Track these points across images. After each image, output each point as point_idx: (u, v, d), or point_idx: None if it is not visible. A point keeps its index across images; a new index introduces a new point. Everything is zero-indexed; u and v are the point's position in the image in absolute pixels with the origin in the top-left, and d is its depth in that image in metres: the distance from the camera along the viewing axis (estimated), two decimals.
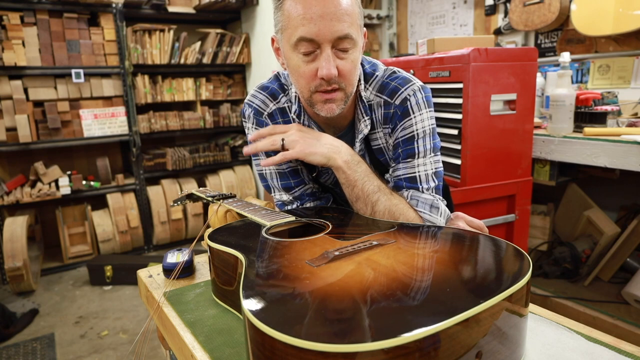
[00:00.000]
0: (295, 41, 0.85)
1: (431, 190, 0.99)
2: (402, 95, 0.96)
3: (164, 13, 3.39)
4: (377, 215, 0.92)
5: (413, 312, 0.49)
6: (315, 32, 0.83)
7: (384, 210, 0.92)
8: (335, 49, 0.86)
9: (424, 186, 0.98)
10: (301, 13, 0.83)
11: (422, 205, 0.96)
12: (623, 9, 2.09)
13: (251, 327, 0.50)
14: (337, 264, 0.63)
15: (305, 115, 1.03)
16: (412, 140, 0.97)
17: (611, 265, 2.21)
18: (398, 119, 0.97)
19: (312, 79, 0.88)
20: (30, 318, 2.56)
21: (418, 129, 0.96)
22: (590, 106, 1.98)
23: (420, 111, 0.97)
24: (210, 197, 1.11)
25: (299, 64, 0.88)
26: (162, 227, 3.52)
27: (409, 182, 0.98)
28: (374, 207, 0.92)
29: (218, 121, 3.76)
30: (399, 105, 0.97)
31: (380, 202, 0.92)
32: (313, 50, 0.86)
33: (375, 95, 1.00)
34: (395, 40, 3.79)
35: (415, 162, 0.97)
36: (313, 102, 0.92)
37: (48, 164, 3.27)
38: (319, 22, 0.83)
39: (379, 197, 0.92)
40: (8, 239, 2.83)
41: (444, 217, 0.98)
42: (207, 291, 0.87)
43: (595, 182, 2.42)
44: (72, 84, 3.16)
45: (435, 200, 0.97)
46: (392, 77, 1.00)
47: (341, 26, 0.84)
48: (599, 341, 0.65)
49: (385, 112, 0.99)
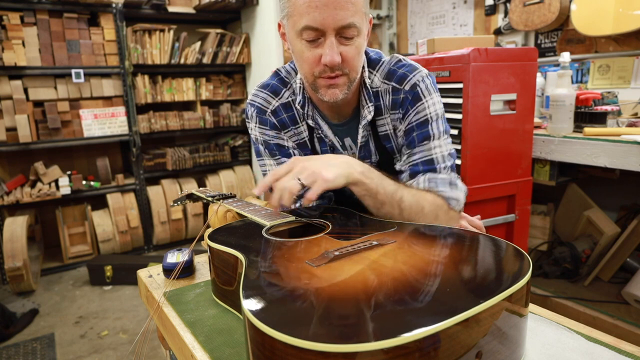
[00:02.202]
0: (300, 29, 0.87)
1: (447, 169, 0.99)
2: (411, 81, 0.98)
3: (164, 13, 3.39)
4: (404, 213, 0.90)
5: (413, 312, 0.49)
6: (320, 20, 0.84)
7: (410, 204, 0.90)
8: (339, 37, 0.87)
9: (441, 166, 0.98)
10: (306, 1, 0.84)
11: (441, 184, 0.96)
12: (623, 9, 2.09)
13: (251, 327, 0.50)
14: (337, 264, 0.63)
15: (310, 105, 1.04)
16: (427, 123, 0.98)
17: (611, 265, 2.21)
18: (410, 104, 0.98)
19: (316, 65, 0.90)
20: (30, 318, 2.56)
21: (431, 112, 0.98)
22: (590, 106, 1.98)
23: (431, 95, 0.98)
24: (210, 197, 1.11)
25: (303, 50, 0.90)
26: (162, 227, 3.52)
27: (426, 165, 0.99)
28: (400, 204, 0.90)
29: (218, 121, 3.76)
30: (409, 91, 0.98)
31: (404, 197, 0.90)
32: (317, 38, 0.87)
33: (382, 82, 1.01)
34: (395, 40, 3.79)
35: (432, 144, 0.98)
36: (317, 87, 0.94)
37: (48, 164, 3.27)
38: (324, 10, 0.84)
39: (402, 194, 0.90)
40: (8, 239, 2.83)
41: (463, 192, 0.99)
42: (207, 291, 0.87)
43: (595, 182, 2.42)
44: (72, 84, 3.16)
45: (452, 178, 0.99)
46: (399, 64, 1.01)
47: (345, 14, 0.84)
48: (599, 341, 0.65)
49: (394, 98, 1.00)
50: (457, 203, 0.98)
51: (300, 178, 0.79)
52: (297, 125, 1.08)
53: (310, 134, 1.08)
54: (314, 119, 1.05)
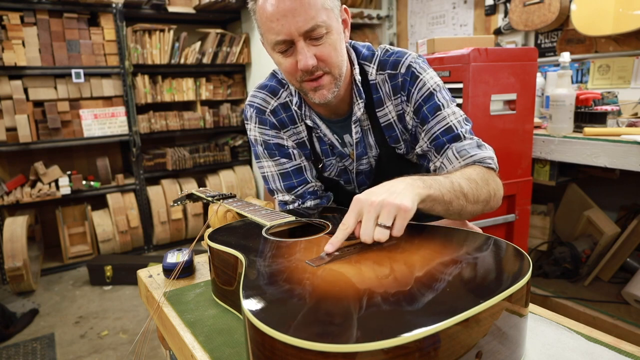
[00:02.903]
0: (272, 44, 0.90)
1: (468, 132, 0.99)
2: (405, 63, 1.00)
3: (164, 13, 3.39)
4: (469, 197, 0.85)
5: (413, 312, 0.49)
6: (284, 31, 0.87)
7: (469, 186, 0.85)
8: (309, 40, 0.89)
9: (461, 131, 0.97)
10: (268, 16, 0.87)
11: (471, 150, 0.96)
12: (623, 9, 2.09)
13: (251, 327, 0.50)
14: (337, 264, 0.63)
15: (306, 106, 1.06)
16: (432, 95, 0.99)
17: (611, 265, 2.21)
18: (410, 85, 0.99)
19: (295, 71, 0.92)
20: (30, 318, 2.56)
21: (432, 84, 0.99)
22: (590, 106, 1.98)
23: (427, 71, 1.00)
24: (210, 197, 1.11)
25: (281, 61, 0.93)
26: (162, 227, 3.52)
27: (447, 134, 0.97)
28: (463, 192, 0.84)
29: (218, 121, 3.76)
30: (405, 73, 1.00)
31: (461, 184, 0.84)
32: (289, 47, 0.90)
33: (377, 74, 1.03)
34: (395, 40, 3.79)
35: (444, 112, 0.98)
36: (305, 91, 0.96)
37: (48, 164, 3.27)
38: (284, 20, 0.86)
39: (457, 181, 0.84)
40: (8, 239, 2.83)
41: (492, 150, 1.00)
42: (207, 291, 0.87)
43: (595, 182, 2.42)
44: (72, 84, 3.16)
45: (477, 140, 0.99)
46: (388, 53, 1.03)
47: (305, 18, 0.86)
48: (599, 341, 0.65)
49: (394, 84, 1.01)
50: (493, 161, 0.97)
51: (381, 222, 0.68)
52: (295, 125, 1.09)
53: (309, 134, 1.09)
54: (312, 119, 1.06)
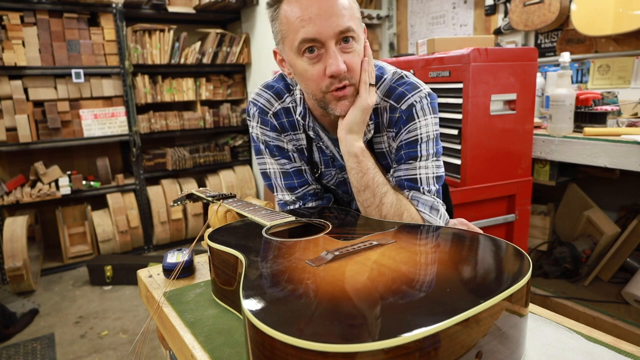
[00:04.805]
0: (298, 44, 0.85)
1: (432, 193, 0.99)
2: (408, 100, 0.96)
3: (164, 13, 3.39)
4: (383, 209, 0.92)
5: (413, 312, 0.49)
6: (317, 30, 0.82)
7: (391, 203, 0.93)
8: (340, 45, 0.86)
9: (424, 188, 0.98)
10: (299, 15, 0.83)
11: (422, 205, 0.97)
12: (623, 9, 2.08)
13: (251, 327, 0.50)
14: (337, 264, 0.63)
15: (310, 117, 1.02)
16: (416, 143, 0.97)
17: (611, 265, 2.21)
18: (403, 123, 0.97)
19: (322, 80, 0.87)
20: (30, 318, 2.56)
21: (422, 133, 0.96)
22: (590, 106, 1.98)
23: (425, 117, 0.96)
24: (210, 197, 1.11)
25: (306, 68, 0.87)
26: (162, 227, 3.52)
27: (410, 183, 0.99)
28: (382, 199, 0.92)
29: (218, 121, 3.76)
30: (404, 110, 0.96)
31: (388, 194, 0.93)
32: (318, 51, 0.85)
33: (382, 99, 0.99)
34: (395, 40, 3.78)
35: (417, 164, 0.98)
36: (326, 102, 0.91)
37: (48, 164, 3.27)
38: (318, 20, 0.82)
39: (387, 190, 0.93)
40: (8, 239, 2.83)
41: (443, 220, 0.99)
42: (207, 291, 0.87)
43: (595, 182, 2.42)
44: (72, 84, 3.16)
45: (436, 202, 0.98)
46: (400, 82, 0.99)
47: (341, 20, 0.83)
48: (599, 341, 0.65)
49: (391, 116, 0.99)
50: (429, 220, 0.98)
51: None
52: (295, 132, 1.07)
53: (308, 143, 1.08)
54: (315, 131, 1.03)
